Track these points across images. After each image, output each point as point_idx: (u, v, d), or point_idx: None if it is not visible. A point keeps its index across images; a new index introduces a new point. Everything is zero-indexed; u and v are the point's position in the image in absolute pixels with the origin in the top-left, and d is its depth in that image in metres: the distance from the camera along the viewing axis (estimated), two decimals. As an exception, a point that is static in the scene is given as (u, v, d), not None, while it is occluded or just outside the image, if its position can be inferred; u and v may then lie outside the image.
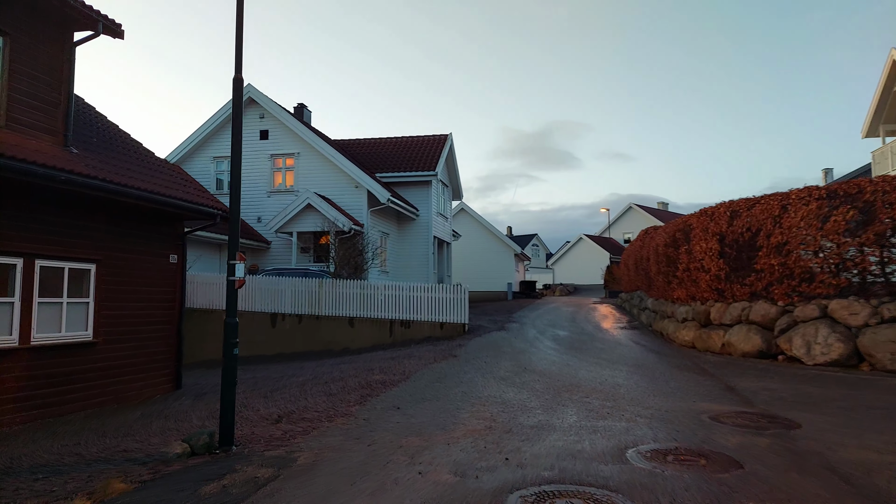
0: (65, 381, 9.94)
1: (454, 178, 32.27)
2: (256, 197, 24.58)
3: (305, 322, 17.92)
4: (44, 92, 9.70)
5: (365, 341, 17.52)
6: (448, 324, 17.18)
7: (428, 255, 27.36)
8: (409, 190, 27.61)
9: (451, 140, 30.35)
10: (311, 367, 13.58)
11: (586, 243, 60.85)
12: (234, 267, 6.03)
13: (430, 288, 17.58)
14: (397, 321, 17.50)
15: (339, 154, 24.05)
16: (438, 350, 13.28)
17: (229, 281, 6.00)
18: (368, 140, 30.89)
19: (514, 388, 8.67)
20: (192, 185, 13.25)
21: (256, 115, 24.99)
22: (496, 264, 40.15)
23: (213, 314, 18.31)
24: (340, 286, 17.96)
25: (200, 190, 13.14)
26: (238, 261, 6.04)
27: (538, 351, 13.05)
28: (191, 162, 25.41)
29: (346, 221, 22.12)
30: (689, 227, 14.30)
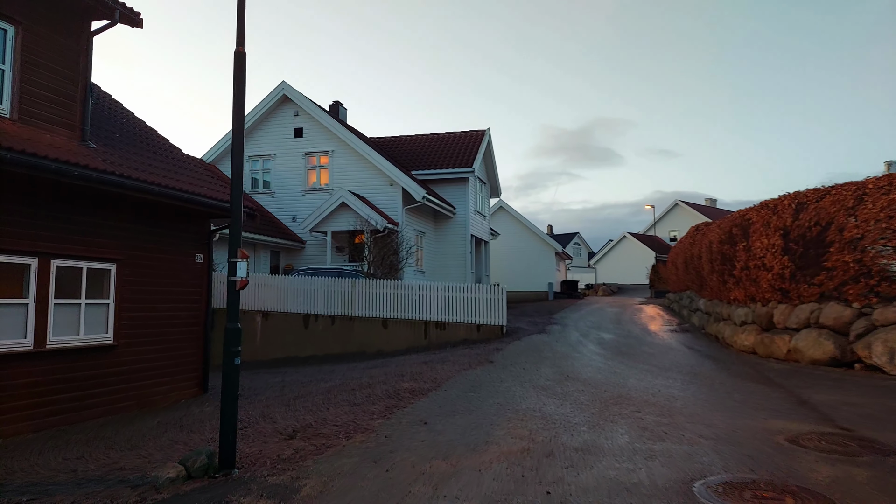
0: (83, 387, 9.52)
1: (492, 175, 31.41)
2: (291, 196, 24.24)
3: (338, 323, 17.37)
4: (59, 84, 9.31)
5: (399, 343, 16.86)
6: (485, 326, 16.36)
7: (465, 254, 26.58)
8: (445, 187, 26.89)
9: (489, 136, 29.50)
10: (342, 371, 12.97)
11: (630, 242, 59.07)
12: (234, 265, 5.39)
13: (465, 288, 16.80)
14: (432, 323, 16.78)
15: (373, 151, 23.50)
16: (474, 354, 12.49)
17: (230, 281, 5.37)
18: (404, 137, 30.30)
19: (556, 399, 7.81)
20: (218, 182, 12.80)
21: (290, 112, 24.66)
22: (536, 263, 39.10)
23: (245, 315, 17.92)
24: (373, 286, 17.35)
25: (226, 187, 12.67)
26: (239, 258, 5.40)
27: (582, 356, 12.12)
28: (226, 161, 25.23)
29: (381, 220, 21.53)
30: (748, 221, 13.13)
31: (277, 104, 24.61)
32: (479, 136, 29.13)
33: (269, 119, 24.83)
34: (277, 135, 24.71)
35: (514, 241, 39.37)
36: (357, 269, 19.71)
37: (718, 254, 15.35)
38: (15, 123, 8.55)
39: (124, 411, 10.28)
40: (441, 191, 26.76)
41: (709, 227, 18.26)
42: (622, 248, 60.30)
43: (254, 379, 13.65)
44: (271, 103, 24.42)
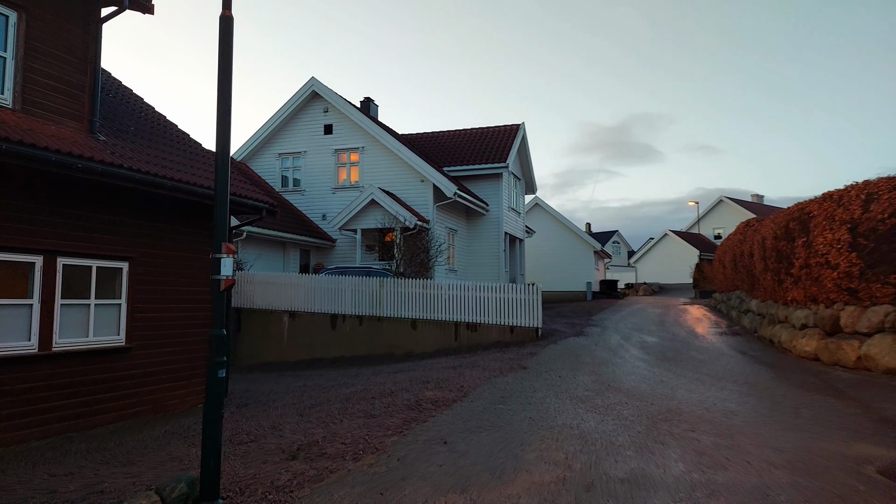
0: (94, 391, 9.06)
1: (527, 172, 30.44)
2: (321, 193, 23.77)
3: (366, 324, 16.74)
4: (66, 73, 8.85)
5: (428, 345, 16.13)
6: (519, 328, 15.49)
7: (498, 252, 25.71)
8: (478, 184, 26.06)
9: (524, 130, 28.54)
10: (366, 375, 12.30)
11: (672, 240, 57.13)
12: (219, 262, 4.72)
13: (498, 288, 15.96)
14: (463, 324, 15.99)
15: (404, 147, 22.84)
16: (506, 359, 11.66)
17: (213, 281, 4.71)
18: (436, 133, 29.58)
19: (596, 413, 6.94)
20: (239, 177, 12.28)
21: (320, 109, 24.19)
22: (574, 262, 37.91)
23: (273, 315, 17.48)
24: (402, 285, 16.65)
25: (247, 183, 12.13)
26: (224, 253, 4.73)
27: (624, 362, 11.17)
28: (257, 159, 24.95)
29: (411, 217, 20.84)
30: (808, 215, 11.95)
31: (307, 101, 24.18)
32: (513, 130, 28.21)
33: (298, 116, 24.43)
34: (307, 132, 24.28)
35: (550, 239, 38.27)
36: (386, 268, 19.06)
37: (773, 251, 14.15)
38: (16, 114, 8.11)
39: (138, 416, 9.81)
40: (474, 187, 25.95)
41: (761, 223, 17.00)
42: (663, 246, 58.37)
43: (277, 382, 13.11)
44: (301, 100, 23.99)
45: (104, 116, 10.38)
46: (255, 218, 11.82)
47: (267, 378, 14.17)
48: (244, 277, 17.79)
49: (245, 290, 17.74)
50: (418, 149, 26.39)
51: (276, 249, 21.10)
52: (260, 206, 11.46)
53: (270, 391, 11.66)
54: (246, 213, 11.78)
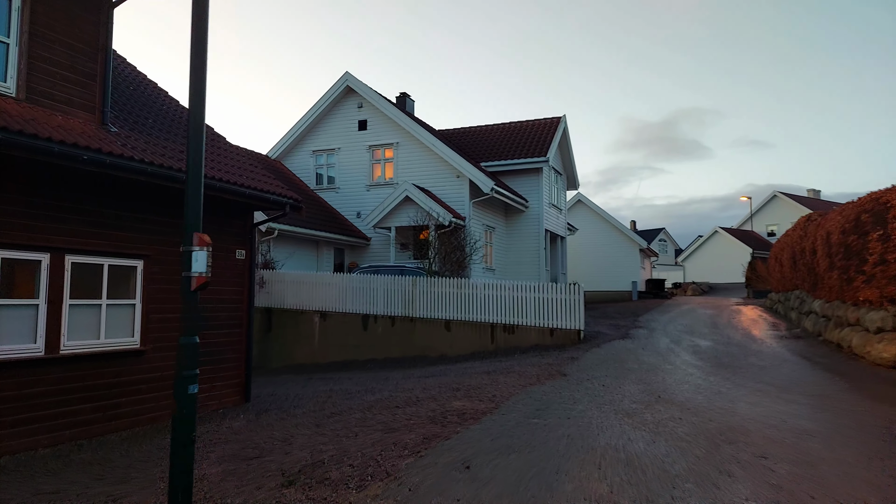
0: (106, 396, 8.61)
1: (569, 166, 29.33)
2: (355, 191, 23.26)
3: (399, 325, 16.07)
4: (75, 60, 8.41)
5: (463, 347, 15.35)
6: (559, 330, 14.56)
7: (539, 250, 24.73)
8: (517, 179, 25.13)
9: (565, 123, 27.46)
10: (396, 380, 11.61)
11: (722, 237, 54.88)
12: (190, 256, 4.05)
13: (537, 287, 15.06)
14: (499, 325, 15.15)
15: (439, 142, 22.12)
16: (545, 364, 10.79)
17: (184, 278, 4.05)
18: (473, 129, 28.77)
19: (646, 431, 6.04)
20: (264, 172, 11.76)
21: (354, 104, 23.68)
22: (618, 261, 36.53)
23: (303, 315, 17.00)
24: (435, 285, 15.92)
25: (270, 177, 11.59)
26: (196, 246, 4.06)
27: (675, 369, 10.15)
28: (291, 157, 24.64)
29: (446, 214, 20.10)
30: (885, 205, 10.69)
31: (341, 96, 23.71)
32: (553, 123, 27.17)
33: (332, 112, 23.99)
34: (341, 128, 23.82)
35: (593, 236, 36.98)
36: (420, 267, 18.37)
37: (840, 246, 12.85)
38: (20, 103, 7.69)
39: (155, 422, 9.33)
40: (513, 183, 25.05)
41: (825, 217, 15.60)
42: (713, 244, 56.14)
43: (305, 386, 12.54)
44: (335, 95, 23.54)
45: (121, 108, 9.97)
46: (278, 214, 11.26)
47: (295, 381, 13.64)
48: (274, 277, 17.36)
49: (275, 290, 17.31)
50: (455, 144, 25.64)
51: (308, 248, 20.67)
52: (283, 201, 10.89)
53: (296, 396, 11.09)
54: (269, 209, 11.24)
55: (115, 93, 10.44)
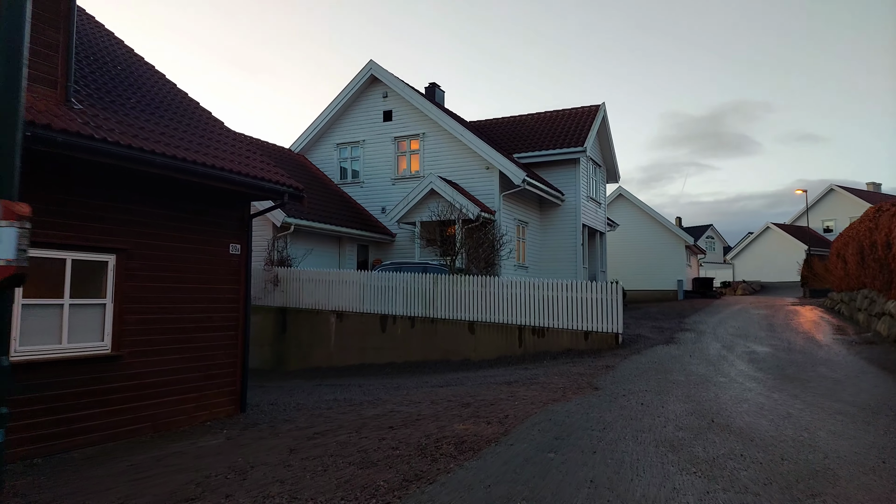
0: (72, 408, 7.61)
1: (609, 158, 27.60)
2: (380, 185, 22.15)
3: (419, 326, 14.84)
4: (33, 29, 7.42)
5: (488, 351, 14.01)
6: (595, 333, 13.08)
7: (575, 246, 23.15)
8: (552, 171, 23.60)
9: (604, 111, 25.78)
10: (407, 388, 10.38)
11: (774, 234, 51.97)
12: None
13: (570, 286, 13.59)
14: (528, 328, 13.75)
15: (467, 131, 20.80)
16: (575, 373, 9.38)
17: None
18: (506, 119, 27.33)
19: (698, 476, 4.60)
20: (259, 156, 10.67)
21: (379, 94, 22.56)
22: (663, 258, 34.52)
23: (319, 315, 15.93)
24: (458, 283, 14.62)
25: (267, 164, 10.48)
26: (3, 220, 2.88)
27: (729, 382, 8.60)
28: (315, 151, 23.69)
29: (473, 208, 18.78)
30: None
31: (365, 86, 22.63)
32: (591, 111, 25.51)
33: (356, 103, 22.93)
34: (366, 119, 22.74)
35: (636, 232, 35.06)
36: (442, 264, 17.11)
37: (926, 238, 11.02)
38: (-39, 74, 6.73)
39: (134, 435, 8.32)
40: (548, 175, 23.53)
41: (902, 205, 13.68)
42: (765, 240, 53.25)
43: (311, 394, 11.44)
44: (359, 85, 22.47)
45: (99, 86, 9.00)
46: (277, 204, 10.14)
47: (304, 387, 12.56)
48: (289, 275, 16.35)
49: (291, 289, 16.30)
50: (486, 136, 24.28)
51: (330, 245, 19.64)
52: (280, 189, 9.77)
53: (295, 406, 9.97)
54: (265, 198, 10.13)
55: (97, 71, 9.51)
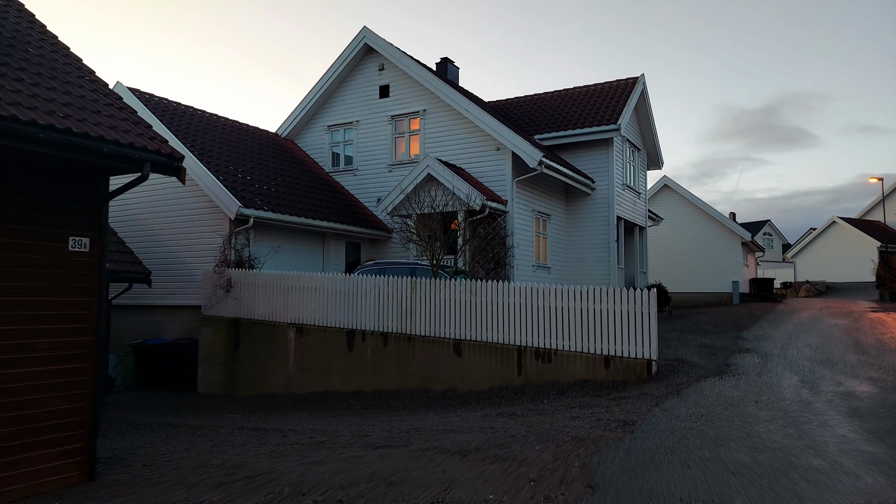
0: None
1: (650, 141, 23.76)
2: (375, 173, 19.04)
3: (393, 344, 11.60)
4: None
5: (479, 379, 10.66)
6: (618, 359, 9.57)
7: (608, 243, 19.51)
8: (581, 154, 20.03)
9: (644, 85, 22.00)
10: (343, 442, 7.17)
11: (841, 229, 46.63)
12: None
13: (585, 294, 10.10)
14: (530, 350, 10.33)
15: (473, 105, 17.46)
16: (572, 436, 5.95)
17: None
18: (527, 98, 23.83)
19: None
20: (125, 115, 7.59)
21: (374, 66, 19.45)
22: (715, 256, 30.32)
23: (277, 329, 12.88)
24: (441, 289, 11.32)
25: (125, 120, 7.38)
26: None
27: (831, 469, 5.01)
28: (304, 135, 20.76)
29: (477, 196, 15.46)
30: None
31: (359, 57, 19.54)
32: (627, 85, 21.78)
33: (350, 78, 19.88)
34: (360, 97, 19.66)
35: (684, 227, 30.95)
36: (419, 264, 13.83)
37: None
38: None
39: None
40: (575, 159, 19.97)
41: None
42: (830, 236, 47.92)
43: (217, 443, 8.34)
44: (351, 56, 19.40)
45: None
46: (135, 178, 7.04)
47: (223, 432, 9.46)
48: (243, 279, 13.36)
49: (245, 296, 13.32)
50: (504, 116, 20.89)
51: (311, 243, 16.60)
52: (134, 156, 6.69)
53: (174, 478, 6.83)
54: (124, 169, 7.06)
55: None
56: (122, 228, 15.68)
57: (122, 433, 9.53)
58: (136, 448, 8.02)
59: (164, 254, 15.11)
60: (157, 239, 15.28)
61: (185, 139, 15.06)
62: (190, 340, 13.90)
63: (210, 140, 16.30)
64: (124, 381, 14.61)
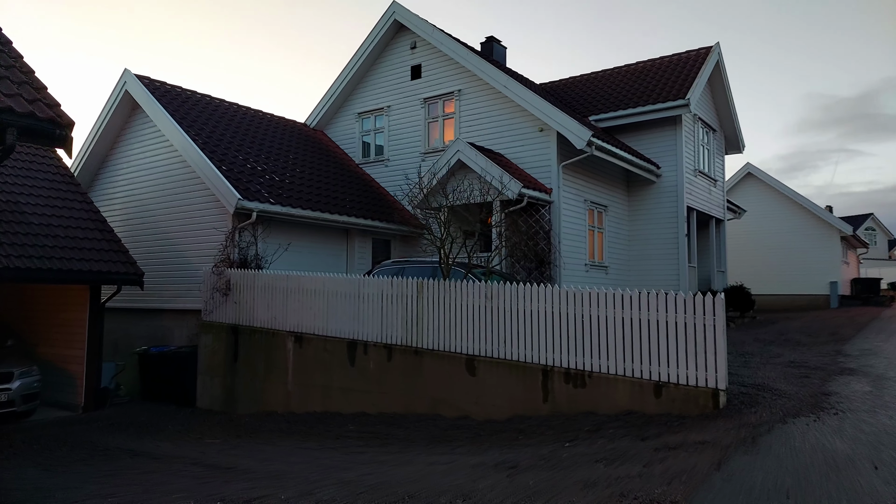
0: None
1: (728, 120, 20.72)
2: (408, 162, 17.20)
3: (398, 359, 9.67)
4: None
5: (497, 405, 8.55)
6: (673, 386, 7.23)
7: (676, 237, 16.82)
8: (643, 136, 17.46)
9: (719, 55, 19.09)
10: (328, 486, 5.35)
11: (962, 221, 40.74)
12: None
13: (627, 300, 7.77)
14: (558, 371, 8.12)
15: (513, 81, 15.29)
16: None
17: None
18: (583, 77, 21.33)
19: None
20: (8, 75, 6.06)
21: (406, 44, 17.64)
22: (809, 253, 26.58)
23: (276, 338, 11.25)
24: (452, 292, 9.27)
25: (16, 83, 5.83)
26: None
27: None
28: (334, 125, 19.24)
29: (513, 184, 13.33)
30: None
31: (389, 36, 17.79)
32: (699, 56, 18.94)
33: (380, 61, 18.16)
34: (390, 80, 17.91)
35: (771, 220, 27.39)
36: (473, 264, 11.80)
37: None
38: None
39: None
40: (637, 142, 17.42)
41: None
42: (947, 230, 42.09)
43: (174, 478, 6.73)
44: (380, 36, 17.67)
45: None
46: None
47: (176, 464, 7.87)
48: (242, 280, 11.83)
49: (244, 300, 11.78)
50: (557, 98, 18.62)
51: (333, 240, 14.99)
52: None
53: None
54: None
55: None
56: (126, 224, 14.61)
57: (62, 463, 8.14)
58: (40, 492, 6.48)
59: (172, 253, 13.88)
60: (166, 237, 14.07)
61: (189, 127, 13.75)
62: (190, 349, 12.54)
63: (223, 130, 14.97)
64: (129, 391, 13.44)
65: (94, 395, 11.87)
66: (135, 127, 15.11)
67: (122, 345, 14.27)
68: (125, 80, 14.60)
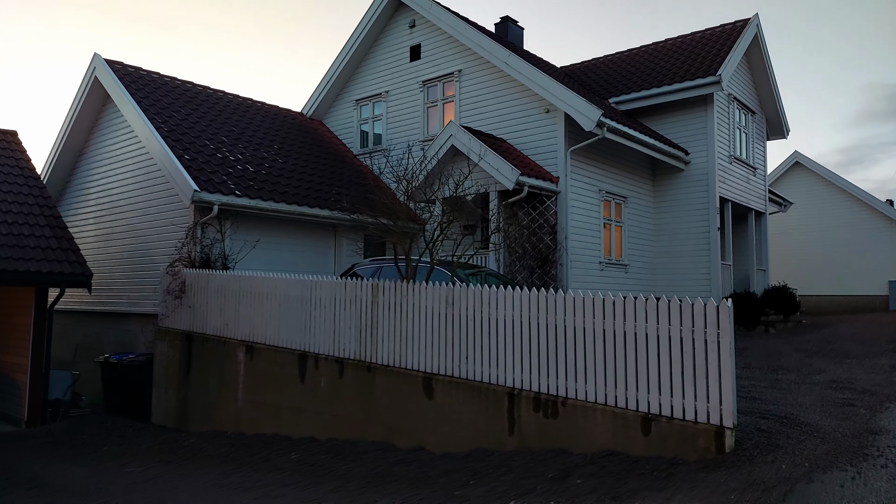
0: None
1: (769, 101, 18.51)
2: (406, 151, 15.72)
3: (350, 375, 8.19)
4: None
5: (457, 435, 6.96)
6: (665, 421, 5.52)
7: (707, 232, 14.84)
8: (669, 119, 15.56)
9: (758, 27, 16.96)
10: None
11: None
12: None
13: (608, 307, 6.06)
14: (526, 396, 6.48)
15: (515, 57, 13.63)
16: None
17: None
18: (606, 58, 19.44)
19: None
20: None
21: (405, 23, 16.18)
22: (864, 250, 23.92)
23: (227, 347, 9.92)
24: (409, 295, 7.72)
25: None
26: None
27: None
28: (332, 114, 17.93)
29: (510, 172, 11.71)
30: None
31: (387, 15, 16.38)
32: (735, 30, 16.85)
33: (378, 43, 16.77)
34: (388, 62, 16.49)
35: (821, 214, 24.82)
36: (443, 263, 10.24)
37: None
38: None
39: None
40: (663, 125, 15.54)
41: None
42: None
43: None
44: (378, 14, 16.27)
45: None
46: None
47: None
48: (197, 282, 10.55)
49: (199, 303, 10.51)
50: (577, 82, 16.89)
51: (318, 237, 13.65)
52: None
53: None
54: None
55: None
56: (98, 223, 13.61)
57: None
58: None
59: (138, 253, 12.78)
60: (134, 236, 12.99)
61: (157, 115, 12.60)
62: (146, 357, 11.37)
63: (198, 118, 13.79)
64: (92, 402, 12.39)
65: (41, 407, 10.80)
66: (107, 117, 14.10)
67: (93, 351, 13.27)
68: (94, 65, 13.59)
